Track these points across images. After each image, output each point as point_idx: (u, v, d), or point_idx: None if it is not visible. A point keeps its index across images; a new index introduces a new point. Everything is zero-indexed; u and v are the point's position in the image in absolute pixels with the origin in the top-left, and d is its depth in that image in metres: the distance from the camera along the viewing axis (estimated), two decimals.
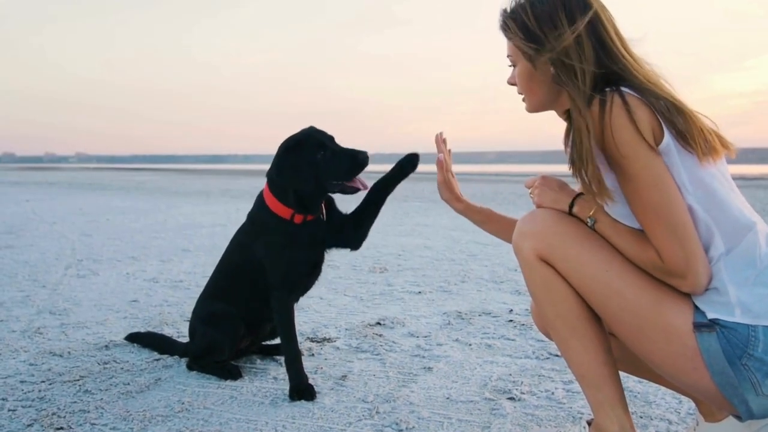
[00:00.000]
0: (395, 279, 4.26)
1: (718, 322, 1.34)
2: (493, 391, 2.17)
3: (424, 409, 2.02)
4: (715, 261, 1.38)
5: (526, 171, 42.70)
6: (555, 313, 1.54)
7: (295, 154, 2.10)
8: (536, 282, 1.55)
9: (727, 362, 1.33)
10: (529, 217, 1.57)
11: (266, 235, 2.21)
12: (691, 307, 1.38)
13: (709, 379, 1.36)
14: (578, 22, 1.44)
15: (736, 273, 1.36)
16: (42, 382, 2.26)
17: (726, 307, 1.35)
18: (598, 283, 1.46)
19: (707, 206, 1.39)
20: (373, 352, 2.63)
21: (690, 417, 1.95)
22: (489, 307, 3.43)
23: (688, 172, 1.39)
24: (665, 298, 1.39)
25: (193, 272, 4.53)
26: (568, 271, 1.49)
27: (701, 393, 1.44)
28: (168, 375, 2.35)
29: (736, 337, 1.32)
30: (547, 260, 1.52)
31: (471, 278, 4.29)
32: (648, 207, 1.37)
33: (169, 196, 14.41)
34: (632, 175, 1.37)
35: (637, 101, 1.38)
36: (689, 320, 1.37)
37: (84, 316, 3.23)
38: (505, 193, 15.79)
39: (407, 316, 3.24)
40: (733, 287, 1.36)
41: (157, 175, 34.88)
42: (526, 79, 1.58)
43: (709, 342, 1.34)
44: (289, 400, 2.10)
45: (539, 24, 1.48)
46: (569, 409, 2.02)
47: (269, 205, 2.18)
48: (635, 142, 1.36)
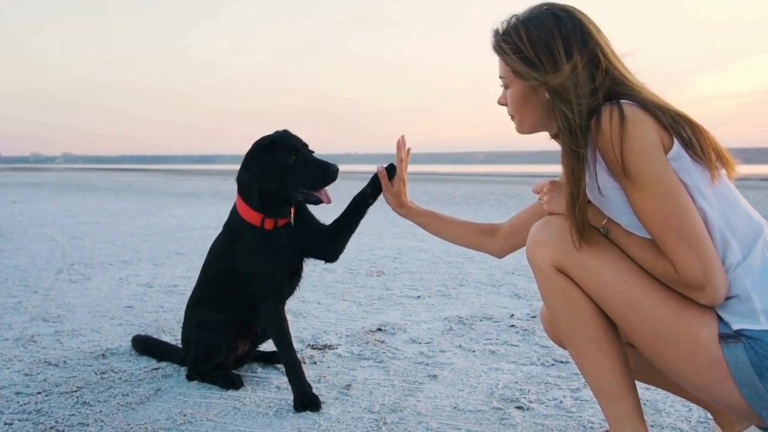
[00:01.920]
0: (393, 283, 4.23)
1: (744, 333, 1.32)
2: (500, 400, 2.14)
3: (432, 419, 1.98)
4: (733, 268, 1.36)
5: (515, 171, 42.79)
6: (572, 324, 1.51)
7: (267, 154, 2.06)
8: (553, 292, 1.51)
9: (755, 374, 1.30)
10: (544, 226, 1.54)
11: (241, 245, 2.19)
12: (716, 318, 1.36)
13: (737, 391, 1.33)
14: (576, 57, 1.42)
15: (756, 278, 1.34)
16: (38, 394, 2.20)
17: (750, 315, 1.32)
18: (617, 293, 1.42)
19: (722, 212, 1.37)
20: (376, 359, 2.59)
21: (701, 425, 1.92)
22: (489, 311, 3.40)
23: (703, 177, 1.37)
24: (688, 309, 1.36)
25: (188, 276, 4.46)
26: (586, 281, 1.46)
27: (726, 404, 1.40)
28: (168, 385, 2.30)
29: (764, 348, 1.30)
30: (563, 270, 1.49)
31: (469, 282, 4.26)
32: (659, 219, 1.34)
33: (159, 198, 14.29)
34: (641, 186, 1.35)
35: (641, 111, 1.36)
36: (714, 332, 1.34)
37: (78, 323, 3.16)
38: (496, 194, 15.81)
39: (408, 321, 3.20)
40: (755, 293, 1.33)
41: (145, 175, 34.65)
42: (520, 102, 1.55)
43: (736, 354, 1.31)
44: (293, 411, 2.05)
45: (535, 50, 1.46)
46: (579, 418, 1.99)
47: (241, 213, 2.16)
48: (644, 152, 1.33)
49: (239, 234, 2.19)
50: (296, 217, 2.21)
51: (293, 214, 2.20)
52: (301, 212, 2.25)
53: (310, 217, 2.27)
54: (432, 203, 12.03)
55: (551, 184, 1.62)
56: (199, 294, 2.40)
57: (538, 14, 1.49)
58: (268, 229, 2.13)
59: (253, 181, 2.08)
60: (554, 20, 1.46)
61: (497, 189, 18.64)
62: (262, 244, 2.13)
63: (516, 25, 1.50)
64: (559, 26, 1.45)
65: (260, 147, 2.09)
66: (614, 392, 1.50)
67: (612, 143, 1.34)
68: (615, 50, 1.49)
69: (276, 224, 2.14)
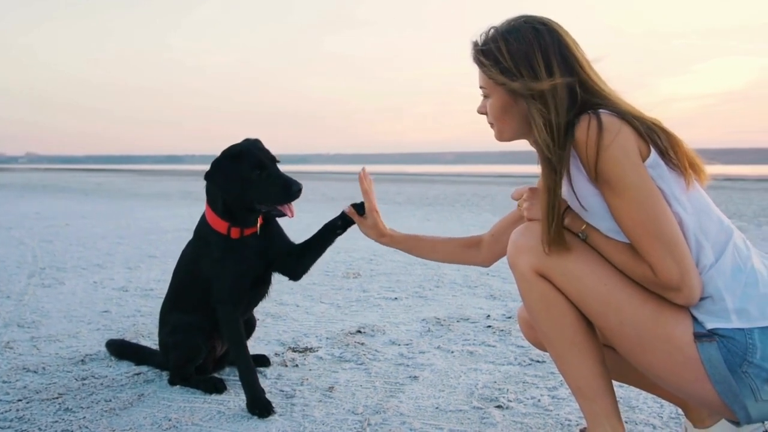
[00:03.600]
0: (370, 285, 4.27)
1: (717, 331, 1.39)
2: (480, 400, 2.19)
3: (415, 420, 2.03)
4: (707, 270, 1.42)
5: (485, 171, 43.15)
6: (552, 327, 1.56)
7: (232, 164, 2.08)
8: (534, 297, 1.56)
9: (728, 370, 1.37)
10: (524, 232, 1.59)
11: (207, 250, 2.22)
12: (690, 318, 1.42)
13: (711, 387, 1.40)
14: (556, 72, 1.47)
15: (727, 280, 1.41)
16: (19, 401, 2.19)
17: (723, 315, 1.39)
18: (597, 297, 1.48)
19: (696, 217, 1.44)
20: (357, 361, 2.63)
21: (672, 421, 2.00)
22: (466, 312, 3.46)
23: (678, 183, 1.44)
24: (665, 310, 1.43)
25: (163, 280, 4.44)
26: (567, 285, 1.51)
27: (701, 400, 1.47)
28: (151, 390, 2.30)
29: (735, 346, 1.37)
30: (544, 275, 1.54)
31: (445, 283, 4.32)
32: (638, 224, 1.40)
33: (129, 199, 14.09)
34: (621, 193, 1.40)
35: (618, 121, 1.42)
36: (689, 332, 1.41)
37: (54, 328, 3.13)
38: (468, 195, 15.93)
39: (386, 323, 3.24)
40: (727, 294, 1.40)
41: (113, 176, 34.09)
42: (500, 112, 1.59)
43: (710, 352, 1.38)
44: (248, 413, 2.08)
45: (514, 62, 1.50)
46: (557, 416, 2.05)
47: (209, 221, 2.19)
48: (622, 160, 1.39)
49: (206, 240, 2.22)
50: (265, 229, 2.23)
51: (260, 224, 2.22)
52: (272, 226, 2.27)
53: (280, 233, 2.29)
54: (406, 204, 12.10)
55: (530, 191, 1.66)
56: (171, 298, 2.41)
57: (516, 26, 1.53)
58: (234, 238, 2.15)
59: (218, 190, 2.11)
60: (533, 33, 1.51)
61: (469, 189, 18.80)
62: (226, 251, 2.16)
63: (495, 37, 1.54)
64: (538, 39, 1.50)
65: (226, 156, 2.10)
66: (593, 392, 1.56)
67: (591, 152, 1.40)
68: (589, 61, 1.54)
69: (242, 233, 2.16)
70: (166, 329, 2.35)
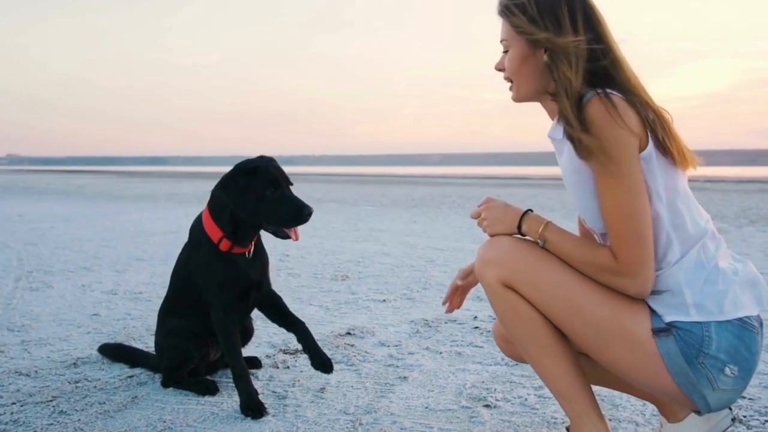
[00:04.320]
0: (358, 287, 4.31)
1: (675, 324, 1.46)
2: (468, 399, 2.25)
3: (405, 419, 2.08)
4: (671, 266, 1.50)
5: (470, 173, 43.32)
6: (524, 334, 1.62)
7: (248, 179, 2.09)
8: (503, 307, 1.63)
9: (685, 362, 1.45)
10: (490, 246, 1.65)
11: (197, 252, 2.25)
12: (648, 314, 1.49)
13: (671, 379, 1.48)
14: (580, 28, 1.50)
15: (688, 275, 1.48)
16: (13, 404, 2.21)
17: (682, 308, 1.47)
18: (559, 303, 1.55)
19: (672, 215, 1.50)
20: (348, 362, 2.67)
21: (654, 418, 2.07)
22: (454, 314, 3.52)
23: (664, 180, 1.49)
24: (623, 309, 1.50)
25: (152, 283, 4.46)
26: (531, 294, 1.58)
27: (664, 393, 1.55)
28: (144, 392, 2.33)
29: (692, 338, 1.44)
30: (510, 286, 1.60)
31: (432, 285, 4.38)
32: (619, 209, 1.45)
33: (113, 201, 14.02)
34: (614, 176, 1.44)
35: (627, 107, 1.45)
36: (648, 327, 1.48)
37: (45, 332, 3.14)
38: (453, 196, 16.04)
39: (375, 324, 3.29)
40: (687, 289, 1.47)
41: (96, 178, 33.79)
42: (519, 63, 1.61)
43: (668, 345, 1.45)
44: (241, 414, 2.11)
45: (540, 12, 1.53)
46: (543, 414, 2.12)
47: (204, 224, 2.21)
48: (624, 147, 1.43)
49: (198, 242, 2.25)
50: (254, 257, 2.25)
51: (251, 249, 2.24)
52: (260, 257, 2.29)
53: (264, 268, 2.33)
54: (392, 206, 12.16)
55: (486, 207, 1.71)
56: (169, 300, 2.43)
57: None
58: (222, 250, 2.17)
59: (230, 202, 2.11)
60: None
61: (454, 191, 18.91)
62: (214, 257, 2.18)
63: None
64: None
65: (243, 170, 2.11)
66: (570, 392, 1.62)
67: (598, 132, 1.42)
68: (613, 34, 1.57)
69: (231, 249, 2.18)
70: (162, 331, 2.39)
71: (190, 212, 10.90)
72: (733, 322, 1.45)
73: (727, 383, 1.46)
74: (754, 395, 2.25)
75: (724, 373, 1.45)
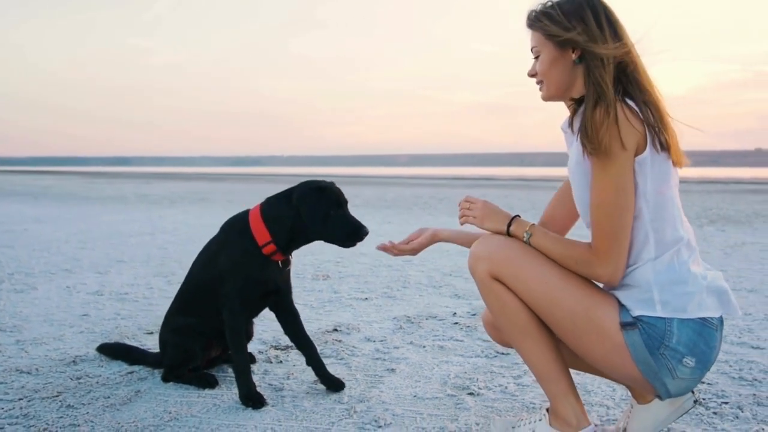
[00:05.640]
0: (340, 286, 4.46)
1: (641, 318, 1.65)
2: (453, 388, 2.42)
3: (396, 407, 2.24)
4: (644, 263, 1.68)
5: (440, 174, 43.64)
6: (509, 323, 1.81)
7: (318, 197, 2.24)
8: (492, 298, 1.81)
9: (648, 353, 1.64)
10: (481, 242, 1.83)
11: (232, 249, 2.35)
12: (618, 309, 1.68)
13: (635, 368, 1.67)
14: (606, 31, 1.68)
15: (659, 276, 1.66)
16: (20, 400, 2.30)
17: (648, 304, 1.65)
18: (540, 295, 1.74)
19: (654, 217, 1.68)
20: (337, 357, 2.82)
21: (623, 402, 2.27)
22: (434, 310, 3.70)
23: (654, 184, 1.66)
24: (595, 304, 1.69)
25: (136, 284, 4.54)
26: (517, 286, 1.76)
27: (630, 380, 1.75)
28: (146, 387, 2.44)
29: (655, 332, 1.64)
30: (498, 279, 1.78)
31: (411, 284, 4.55)
32: (605, 203, 1.63)
33: (83, 203, 13.88)
34: (606, 172, 1.62)
35: (635, 115, 1.63)
36: (617, 321, 1.67)
37: (38, 332, 3.22)
38: (425, 197, 16.27)
39: (360, 321, 3.45)
40: (656, 287, 1.66)
41: (60, 179, 33.20)
42: (548, 65, 1.78)
43: (634, 338, 1.65)
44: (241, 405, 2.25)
45: (567, 18, 1.71)
46: (522, 400, 2.30)
47: (251, 226, 2.31)
48: (620, 148, 1.60)
49: (234, 241, 2.33)
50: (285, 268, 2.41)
51: (290, 259, 2.41)
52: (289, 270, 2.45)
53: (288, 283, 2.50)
54: (364, 207, 12.31)
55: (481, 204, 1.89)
56: (180, 299, 2.54)
57: None
58: (264, 254, 2.30)
59: (297, 216, 2.23)
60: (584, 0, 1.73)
61: (425, 192, 19.15)
62: (252, 257, 2.29)
63: (551, 4, 1.76)
64: (589, 2, 1.72)
65: (312, 189, 2.25)
66: (551, 374, 1.81)
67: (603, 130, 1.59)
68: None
69: (272, 254, 2.31)
70: (168, 328, 2.50)
71: (164, 214, 10.90)
72: (695, 320, 1.64)
73: (686, 373, 1.66)
74: (712, 381, 2.47)
75: (682, 364, 1.64)
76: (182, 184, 25.42)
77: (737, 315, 1.72)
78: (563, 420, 1.80)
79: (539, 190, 20.46)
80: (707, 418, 2.14)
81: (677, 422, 2.06)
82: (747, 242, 6.99)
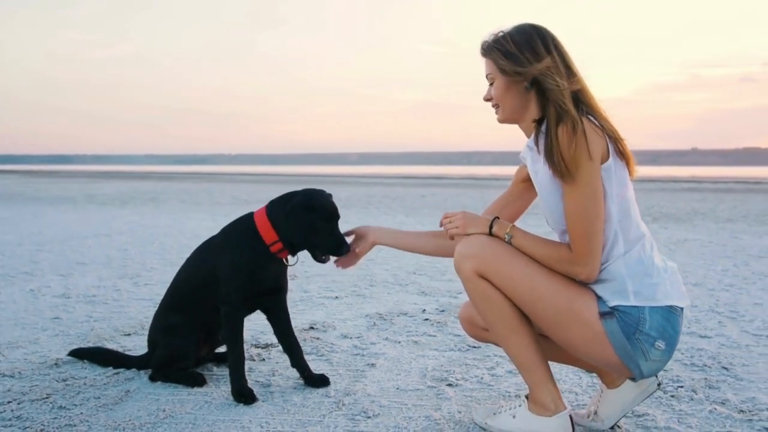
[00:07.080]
0: (308, 285, 4.55)
1: (617, 308, 1.83)
2: (433, 380, 2.56)
3: (381, 398, 2.36)
4: (615, 258, 1.86)
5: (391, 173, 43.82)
6: (494, 317, 1.96)
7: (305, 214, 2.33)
8: (477, 295, 1.96)
9: (625, 338, 1.82)
10: (466, 243, 1.98)
11: (236, 247, 2.42)
12: (596, 301, 1.86)
13: (613, 353, 1.85)
14: (554, 54, 1.87)
15: (630, 268, 1.85)
16: (9, 402, 2.32)
17: (623, 294, 1.84)
18: (524, 291, 1.90)
19: (621, 216, 1.87)
20: (318, 353, 2.93)
21: (590, 388, 2.46)
22: (404, 308, 3.84)
23: (618, 188, 1.85)
24: (576, 297, 1.86)
25: (102, 286, 4.52)
26: (501, 283, 1.92)
27: (607, 365, 1.92)
28: (135, 387, 2.49)
29: (630, 319, 1.82)
30: (483, 276, 1.93)
31: (378, 282, 4.68)
32: (579, 210, 1.80)
33: (30, 203, 13.47)
34: (578, 183, 1.78)
35: (597, 129, 1.82)
36: (595, 311, 1.85)
37: (11, 336, 3.20)
38: (378, 196, 16.41)
39: (334, 319, 3.56)
40: (629, 279, 1.85)
41: (2, 178, 31.92)
42: (502, 92, 1.95)
43: (612, 326, 1.83)
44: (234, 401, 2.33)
45: (519, 48, 1.88)
46: (498, 389, 2.46)
47: (258, 225, 2.39)
48: (588, 159, 1.77)
49: (239, 240, 2.41)
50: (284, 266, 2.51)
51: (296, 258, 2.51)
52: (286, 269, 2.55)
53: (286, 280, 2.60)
54: None
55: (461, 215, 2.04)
56: (171, 297, 2.59)
57: (519, 26, 1.94)
58: (272, 252, 2.39)
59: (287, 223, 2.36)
60: (533, 28, 1.91)
61: (379, 191, 19.30)
62: (258, 254, 2.38)
63: (503, 34, 1.93)
64: (538, 31, 1.90)
65: (303, 207, 2.33)
66: (530, 363, 1.97)
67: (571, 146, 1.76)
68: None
69: (279, 252, 2.40)
70: (159, 327, 2.55)
71: (118, 215, 10.70)
72: (663, 307, 1.84)
73: (657, 355, 1.85)
74: (668, 367, 2.69)
75: (654, 347, 1.83)
76: (130, 183, 24.86)
77: (687, 304, 1.92)
78: (542, 405, 1.97)
79: (490, 189, 20.93)
80: (666, 400, 2.35)
81: (641, 405, 2.26)
82: (689, 239, 7.41)
